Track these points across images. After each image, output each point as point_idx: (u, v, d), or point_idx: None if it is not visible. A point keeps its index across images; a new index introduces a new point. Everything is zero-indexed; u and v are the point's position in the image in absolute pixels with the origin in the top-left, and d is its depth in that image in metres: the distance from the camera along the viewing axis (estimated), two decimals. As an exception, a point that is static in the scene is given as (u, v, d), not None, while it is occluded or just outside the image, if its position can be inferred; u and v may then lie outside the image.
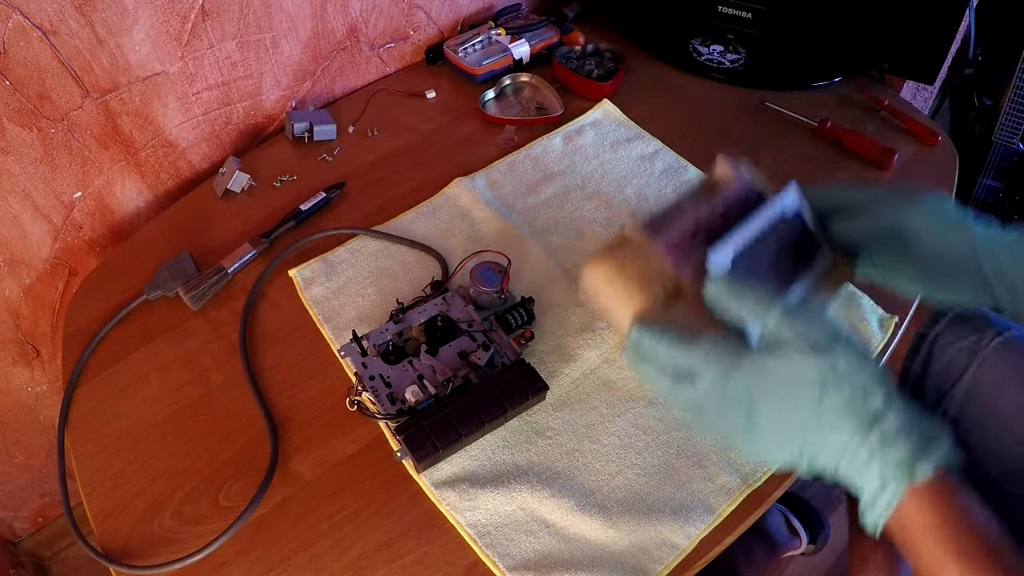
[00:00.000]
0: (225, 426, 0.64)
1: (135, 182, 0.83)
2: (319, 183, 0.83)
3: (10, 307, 0.83)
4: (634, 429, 0.63)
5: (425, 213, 0.81)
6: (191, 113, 0.82)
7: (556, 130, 0.90)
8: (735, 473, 0.61)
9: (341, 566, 0.55)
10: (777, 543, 1.13)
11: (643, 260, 0.62)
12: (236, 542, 0.57)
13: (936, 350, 0.78)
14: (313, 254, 0.77)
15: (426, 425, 0.58)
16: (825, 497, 1.29)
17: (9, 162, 0.71)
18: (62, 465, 0.65)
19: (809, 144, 0.90)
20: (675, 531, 0.57)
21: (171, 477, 0.61)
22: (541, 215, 0.81)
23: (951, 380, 0.76)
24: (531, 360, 0.66)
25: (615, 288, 0.62)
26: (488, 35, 0.99)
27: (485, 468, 0.60)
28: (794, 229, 0.62)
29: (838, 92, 0.98)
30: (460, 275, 0.73)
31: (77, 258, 0.84)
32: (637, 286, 0.61)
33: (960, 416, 0.75)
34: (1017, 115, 1.35)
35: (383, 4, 0.92)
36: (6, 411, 0.92)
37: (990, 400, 0.73)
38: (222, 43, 0.80)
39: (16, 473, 1.00)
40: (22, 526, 1.08)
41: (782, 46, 1.03)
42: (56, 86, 0.70)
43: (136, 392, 0.66)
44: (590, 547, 0.57)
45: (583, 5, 1.10)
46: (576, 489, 0.59)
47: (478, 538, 0.57)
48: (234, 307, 0.72)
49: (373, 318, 0.71)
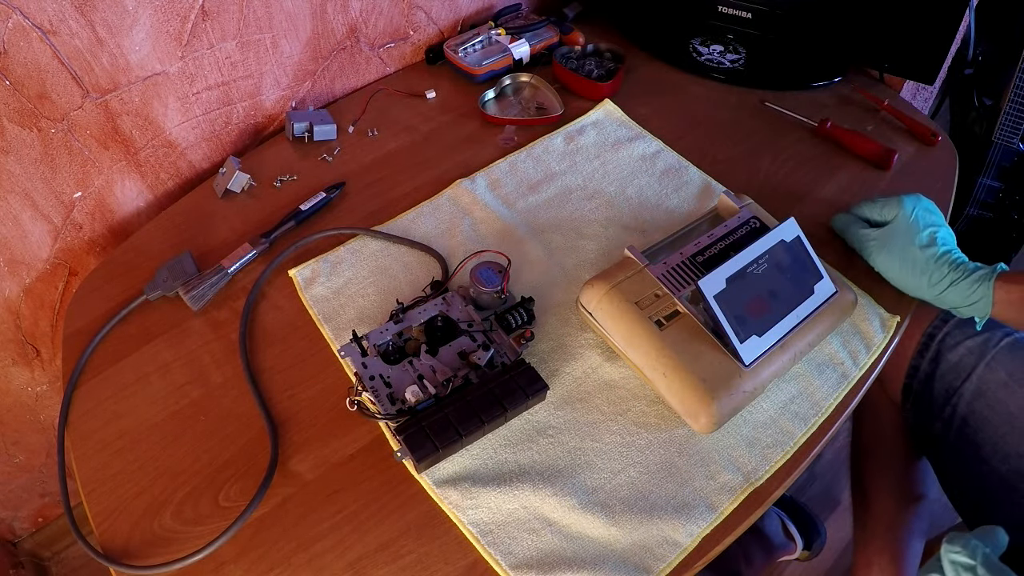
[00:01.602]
0: (225, 426, 0.64)
1: (135, 182, 0.83)
2: (319, 183, 0.83)
3: (10, 307, 0.83)
4: (635, 427, 0.63)
5: (425, 213, 0.81)
6: (191, 113, 0.82)
7: (558, 130, 0.90)
8: (737, 471, 0.61)
9: (341, 566, 0.55)
10: (774, 546, 1.13)
11: (640, 284, 0.64)
12: (236, 542, 0.57)
13: (944, 349, 0.78)
14: (313, 254, 0.77)
15: (426, 425, 0.58)
16: (823, 501, 1.29)
17: (9, 162, 0.71)
18: (62, 465, 0.64)
19: (809, 144, 0.90)
20: (677, 529, 0.57)
21: (171, 477, 0.61)
22: (542, 215, 0.81)
23: (960, 379, 0.76)
24: (531, 360, 0.66)
25: (611, 309, 0.64)
26: (488, 35, 0.99)
27: (487, 467, 0.60)
28: (794, 254, 0.64)
29: (838, 92, 0.98)
30: (460, 275, 0.73)
31: (77, 258, 0.84)
32: (632, 308, 0.63)
33: (969, 414, 0.75)
34: (1017, 115, 1.35)
35: (383, 4, 0.92)
36: (6, 411, 0.92)
37: (998, 399, 0.73)
38: (222, 43, 0.80)
39: (16, 473, 1.00)
40: (22, 526, 1.08)
41: (782, 46, 1.03)
42: (56, 86, 0.70)
43: (136, 392, 0.66)
44: (592, 545, 0.56)
45: (583, 5, 1.10)
46: (578, 487, 0.59)
47: (480, 537, 0.57)
48: (234, 307, 0.72)
49: (373, 318, 0.71)
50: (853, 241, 0.75)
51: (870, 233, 0.72)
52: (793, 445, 0.62)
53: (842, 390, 0.66)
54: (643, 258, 0.67)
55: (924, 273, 0.68)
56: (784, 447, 0.62)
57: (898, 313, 0.71)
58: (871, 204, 0.74)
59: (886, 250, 0.70)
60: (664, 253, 0.69)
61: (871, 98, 0.95)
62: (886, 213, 0.72)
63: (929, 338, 0.79)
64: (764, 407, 0.65)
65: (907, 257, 0.69)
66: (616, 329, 0.64)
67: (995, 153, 1.41)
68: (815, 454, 0.63)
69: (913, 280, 0.69)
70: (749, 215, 0.71)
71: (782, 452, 0.62)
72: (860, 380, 0.67)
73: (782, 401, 0.65)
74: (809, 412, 0.64)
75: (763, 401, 0.65)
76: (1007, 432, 0.73)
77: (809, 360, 0.68)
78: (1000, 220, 1.46)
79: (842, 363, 0.67)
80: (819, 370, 0.67)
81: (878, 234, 0.71)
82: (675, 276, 0.65)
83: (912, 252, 0.68)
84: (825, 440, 0.64)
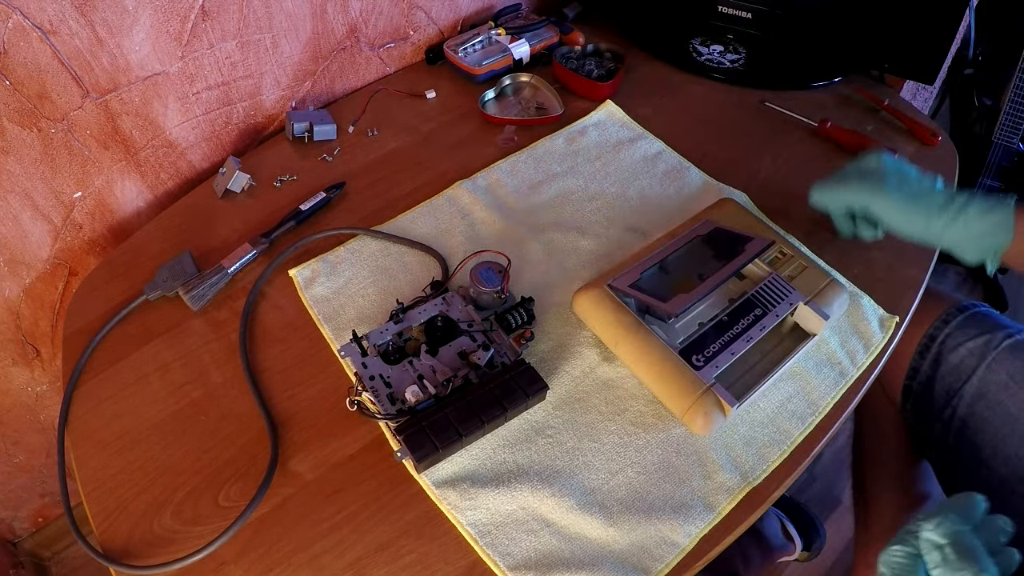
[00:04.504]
0: (225, 426, 0.64)
1: (135, 182, 0.83)
2: (319, 183, 0.83)
3: (10, 307, 0.83)
4: (633, 427, 0.63)
5: (425, 213, 0.81)
6: (191, 113, 0.82)
7: (559, 131, 0.90)
8: (735, 471, 0.61)
9: (341, 566, 0.55)
10: (773, 547, 1.13)
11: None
12: (236, 542, 0.57)
13: (945, 351, 0.78)
14: (313, 254, 0.77)
15: (426, 425, 0.58)
16: (822, 501, 1.29)
17: (9, 162, 0.71)
18: (62, 465, 0.64)
19: (809, 144, 0.90)
20: (675, 529, 0.57)
21: (171, 477, 0.61)
22: (542, 215, 0.81)
23: (960, 380, 0.76)
24: (531, 360, 0.66)
25: (598, 312, 0.66)
26: (488, 35, 0.99)
27: (486, 467, 0.61)
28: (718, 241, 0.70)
29: (838, 92, 0.98)
30: (460, 275, 0.73)
31: (77, 258, 0.84)
32: (615, 309, 0.64)
33: (969, 416, 0.75)
34: (1017, 115, 1.35)
35: (383, 4, 0.92)
36: (6, 411, 0.92)
37: (999, 401, 0.73)
38: (222, 43, 0.80)
39: (16, 473, 1.00)
40: (22, 526, 1.08)
41: (782, 46, 1.03)
42: (56, 86, 0.70)
43: (136, 392, 0.66)
44: (591, 546, 0.57)
45: (583, 5, 1.10)
46: (577, 488, 0.59)
47: (479, 537, 0.57)
48: (234, 307, 0.72)
49: (373, 318, 0.71)
50: (843, 200, 0.70)
51: (863, 184, 0.68)
52: (791, 444, 0.62)
53: (840, 390, 0.66)
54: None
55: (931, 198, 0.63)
56: (781, 446, 0.62)
57: (897, 313, 0.71)
58: (842, 172, 0.70)
59: (883, 191, 0.66)
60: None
61: (871, 98, 0.95)
62: (864, 168, 0.68)
63: (930, 339, 0.79)
64: (761, 406, 0.65)
65: (906, 191, 0.65)
66: (605, 332, 0.66)
67: (995, 153, 1.41)
68: (814, 454, 0.63)
69: (920, 214, 0.64)
70: (711, 226, 0.73)
71: (779, 451, 0.62)
72: (859, 380, 0.67)
73: (779, 400, 0.65)
74: (806, 411, 0.64)
75: (760, 400, 0.65)
76: (1007, 434, 0.73)
77: (807, 359, 0.68)
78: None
79: (840, 363, 0.68)
80: (817, 369, 0.67)
81: (870, 182, 0.67)
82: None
83: (911, 185, 0.65)
84: (824, 440, 0.64)
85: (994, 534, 0.45)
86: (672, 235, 0.73)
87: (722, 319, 0.65)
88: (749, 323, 0.64)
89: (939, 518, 0.44)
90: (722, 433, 0.63)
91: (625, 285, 0.66)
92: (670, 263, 0.70)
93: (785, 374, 0.66)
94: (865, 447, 0.92)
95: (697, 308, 0.67)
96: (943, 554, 0.43)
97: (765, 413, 0.64)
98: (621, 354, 0.65)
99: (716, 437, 0.63)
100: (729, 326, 0.64)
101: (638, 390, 0.66)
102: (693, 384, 0.60)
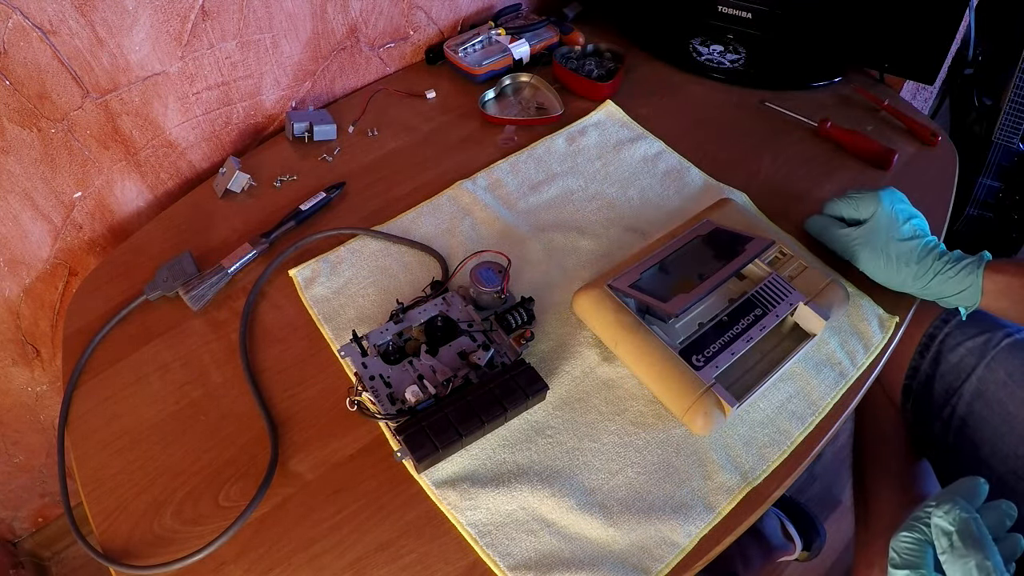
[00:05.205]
0: (225, 426, 0.64)
1: (135, 182, 0.83)
2: (319, 183, 0.83)
3: (10, 307, 0.83)
4: (633, 427, 0.63)
5: (425, 213, 0.81)
6: (191, 113, 0.82)
7: (559, 131, 0.90)
8: (734, 471, 0.61)
9: (341, 566, 0.55)
10: (773, 547, 1.13)
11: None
12: (236, 542, 0.57)
13: (945, 350, 0.78)
14: (313, 254, 0.77)
15: (426, 425, 0.58)
16: (822, 501, 1.29)
17: (9, 162, 0.71)
18: (62, 465, 0.64)
19: (809, 144, 0.90)
20: (675, 529, 0.57)
21: (171, 477, 0.61)
22: (542, 215, 0.81)
23: (960, 379, 0.76)
24: (531, 360, 0.66)
25: (598, 313, 0.65)
26: (488, 35, 0.99)
27: (486, 467, 0.61)
28: (719, 242, 0.70)
29: (838, 92, 0.98)
30: (460, 275, 0.73)
31: (77, 258, 0.84)
32: (615, 309, 0.64)
33: (968, 414, 0.76)
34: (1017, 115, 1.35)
35: (383, 4, 0.92)
36: (6, 411, 0.92)
37: (998, 399, 0.74)
38: (222, 43, 0.80)
39: (16, 473, 1.00)
40: (22, 526, 1.08)
41: (782, 46, 1.03)
42: (56, 86, 0.70)
43: (136, 392, 0.66)
44: (591, 546, 0.57)
45: (583, 5, 1.10)
46: (577, 488, 0.59)
47: (479, 538, 0.57)
48: (234, 307, 0.72)
49: (373, 318, 0.71)
50: (833, 242, 0.74)
51: (851, 233, 0.71)
52: (790, 445, 0.62)
53: (839, 390, 0.66)
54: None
55: (909, 265, 0.67)
56: (781, 446, 0.62)
57: (897, 314, 0.71)
58: (846, 202, 0.73)
59: (869, 248, 0.69)
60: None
61: (871, 98, 0.95)
62: (863, 210, 0.71)
63: (930, 339, 0.79)
64: (761, 406, 0.65)
65: (891, 252, 0.68)
66: (605, 332, 0.66)
67: (995, 153, 1.41)
68: (814, 454, 0.63)
69: (899, 275, 0.68)
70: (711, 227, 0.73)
71: (779, 451, 0.62)
72: (858, 380, 0.67)
73: (779, 400, 0.65)
74: (806, 411, 0.64)
75: (760, 400, 0.65)
76: (1006, 432, 0.73)
77: (807, 359, 0.68)
78: (1000, 220, 1.46)
79: (840, 363, 0.68)
80: (817, 369, 0.67)
81: (859, 233, 0.70)
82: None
83: (896, 246, 0.68)
84: (824, 440, 0.64)
85: (1000, 519, 0.47)
86: (672, 235, 0.73)
87: (722, 319, 0.65)
88: (749, 323, 0.64)
89: (949, 504, 0.47)
90: (722, 433, 0.63)
91: (625, 285, 0.66)
92: (670, 263, 0.70)
93: (785, 374, 0.66)
94: (865, 447, 0.92)
95: (697, 308, 0.68)
96: (951, 541, 0.45)
97: (765, 413, 0.64)
98: (621, 354, 0.65)
99: (716, 437, 0.63)
100: (729, 326, 0.64)
101: (638, 390, 0.66)
102: (693, 384, 0.60)
